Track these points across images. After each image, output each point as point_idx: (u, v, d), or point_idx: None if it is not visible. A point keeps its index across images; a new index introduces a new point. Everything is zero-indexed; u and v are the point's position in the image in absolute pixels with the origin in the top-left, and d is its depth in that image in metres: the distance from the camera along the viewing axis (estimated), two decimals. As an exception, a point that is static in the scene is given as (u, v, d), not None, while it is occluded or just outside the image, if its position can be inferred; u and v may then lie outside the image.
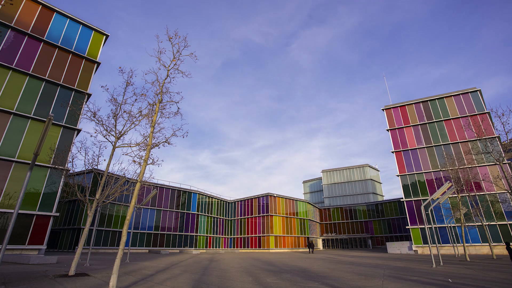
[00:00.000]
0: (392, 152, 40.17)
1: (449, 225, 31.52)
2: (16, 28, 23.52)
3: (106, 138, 11.23)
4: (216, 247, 55.53)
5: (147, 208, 44.27)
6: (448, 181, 17.30)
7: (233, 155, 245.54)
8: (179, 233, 47.64)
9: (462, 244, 30.71)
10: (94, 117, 11.01)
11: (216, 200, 58.50)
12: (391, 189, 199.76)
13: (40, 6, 25.67)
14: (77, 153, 12.04)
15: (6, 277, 9.13)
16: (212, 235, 54.86)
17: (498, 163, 19.26)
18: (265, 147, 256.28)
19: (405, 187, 37.71)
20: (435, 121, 38.50)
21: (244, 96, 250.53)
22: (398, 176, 38.65)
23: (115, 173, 13.79)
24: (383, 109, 43.12)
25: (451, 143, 36.32)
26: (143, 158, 8.20)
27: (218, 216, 57.93)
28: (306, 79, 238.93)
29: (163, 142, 8.53)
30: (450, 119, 37.52)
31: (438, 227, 33.44)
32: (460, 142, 35.78)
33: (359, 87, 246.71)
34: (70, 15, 27.20)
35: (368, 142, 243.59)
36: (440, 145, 37.00)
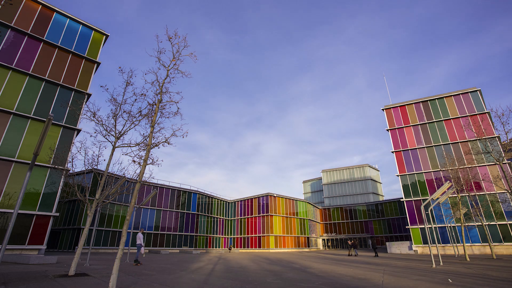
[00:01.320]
0: (392, 152, 40.17)
1: (449, 225, 31.53)
2: (16, 28, 23.50)
3: (106, 138, 11.23)
4: (216, 247, 55.52)
5: (147, 208, 44.26)
6: (448, 181, 17.30)
7: (196, 139, 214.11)
8: (179, 233, 47.63)
9: (462, 244, 30.71)
10: (94, 117, 11.00)
11: (216, 200, 58.50)
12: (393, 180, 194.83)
13: (40, 6, 25.66)
14: (77, 153, 12.04)
15: (6, 277, 9.13)
16: (212, 235, 54.86)
17: (498, 163, 19.26)
18: (232, 126, 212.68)
19: (405, 187, 37.71)
20: (435, 121, 38.50)
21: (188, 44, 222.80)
22: (398, 176, 38.66)
23: (115, 173, 13.78)
24: (383, 109, 43.12)
25: (451, 143, 36.32)
26: (142, 158, 8.20)
27: (218, 216, 57.93)
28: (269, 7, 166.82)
29: (162, 142, 8.52)
30: (450, 119, 37.52)
31: (438, 227, 33.45)
32: (460, 142, 35.78)
33: (352, 11, 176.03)
34: (70, 15, 27.18)
35: (369, 114, 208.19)
36: (440, 145, 36.99)
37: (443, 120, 37.93)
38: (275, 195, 55.79)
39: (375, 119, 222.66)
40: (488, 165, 33.07)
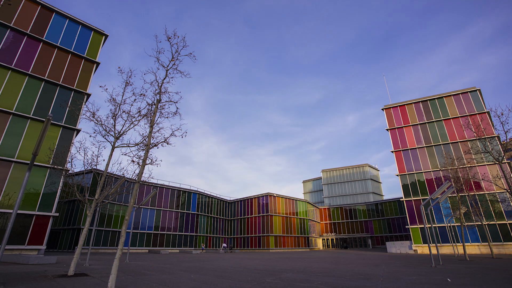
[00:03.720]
0: (392, 151, 40.19)
1: (449, 224, 31.54)
2: (15, 28, 23.50)
3: (105, 138, 11.23)
4: (216, 247, 55.54)
5: (147, 208, 44.26)
6: (447, 181, 17.30)
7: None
8: (179, 233, 47.65)
9: (461, 244, 30.73)
10: (93, 117, 11.00)
11: (216, 200, 58.52)
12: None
13: (39, 6, 25.66)
14: (76, 153, 12.03)
15: (5, 277, 9.13)
16: (212, 235, 54.87)
17: (497, 162, 19.26)
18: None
19: (404, 187, 37.73)
20: (435, 121, 38.53)
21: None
22: (397, 175, 38.67)
23: (114, 173, 13.78)
24: (382, 109, 43.14)
25: (451, 143, 36.35)
26: (141, 158, 8.20)
27: (218, 216, 57.95)
28: None
29: (161, 142, 8.52)
30: (449, 118, 37.54)
31: (437, 226, 33.46)
32: (460, 141, 35.80)
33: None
34: (69, 15, 27.17)
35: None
36: (440, 144, 37.02)
37: (443, 119, 37.95)
38: (275, 195, 55.81)
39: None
40: (487, 164, 33.08)
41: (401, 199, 41.34)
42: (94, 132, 10.99)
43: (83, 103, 22.26)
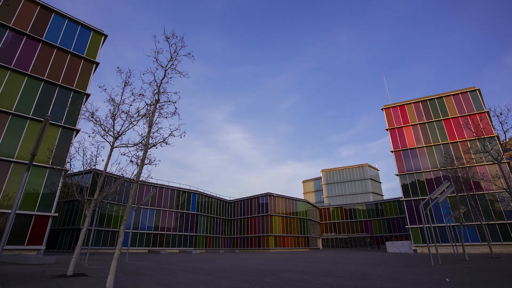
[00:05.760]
0: (392, 151, 40.19)
1: (449, 224, 31.55)
2: (14, 28, 23.49)
3: (104, 138, 11.23)
4: (215, 247, 55.55)
5: (146, 208, 44.25)
6: (447, 181, 17.31)
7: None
8: (179, 233, 47.64)
9: (461, 244, 30.74)
10: (92, 117, 11.00)
11: (216, 200, 58.50)
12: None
13: (39, 6, 25.64)
14: (75, 153, 12.02)
15: (4, 277, 9.13)
16: (211, 235, 54.87)
17: (496, 162, 19.26)
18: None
19: (404, 187, 37.73)
20: (435, 121, 38.53)
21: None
22: (397, 175, 38.67)
23: (113, 173, 13.77)
24: (382, 109, 43.15)
25: (450, 143, 36.36)
26: (140, 158, 8.20)
27: (218, 216, 57.94)
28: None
29: (160, 142, 8.52)
30: (449, 118, 37.55)
31: (437, 226, 33.47)
32: (459, 141, 35.81)
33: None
34: (68, 15, 27.16)
35: None
36: (439, 144, 37.03)
37: (443, 119, 37.97)
38: (274, 195, 55.80)
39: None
40: (487, 164, 33.09)
41: (401, 199, 41.33)
42: (93, 132, 11.00)
43: (83, 103, 22.26)
